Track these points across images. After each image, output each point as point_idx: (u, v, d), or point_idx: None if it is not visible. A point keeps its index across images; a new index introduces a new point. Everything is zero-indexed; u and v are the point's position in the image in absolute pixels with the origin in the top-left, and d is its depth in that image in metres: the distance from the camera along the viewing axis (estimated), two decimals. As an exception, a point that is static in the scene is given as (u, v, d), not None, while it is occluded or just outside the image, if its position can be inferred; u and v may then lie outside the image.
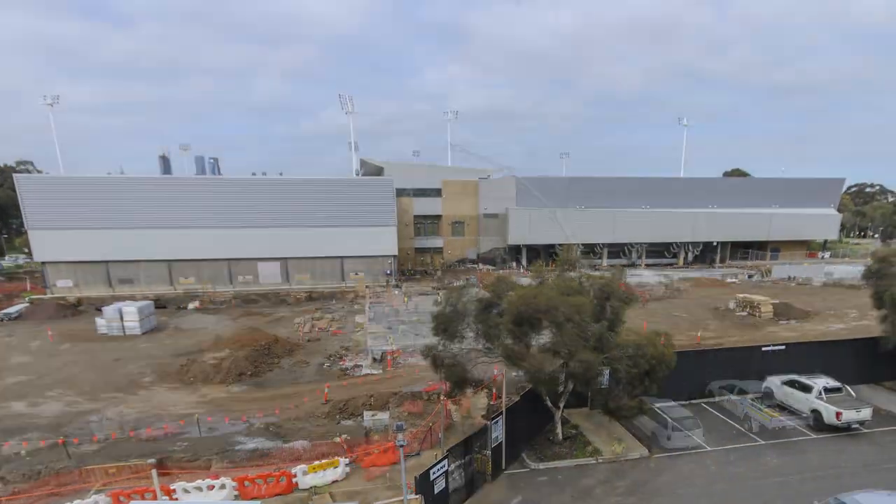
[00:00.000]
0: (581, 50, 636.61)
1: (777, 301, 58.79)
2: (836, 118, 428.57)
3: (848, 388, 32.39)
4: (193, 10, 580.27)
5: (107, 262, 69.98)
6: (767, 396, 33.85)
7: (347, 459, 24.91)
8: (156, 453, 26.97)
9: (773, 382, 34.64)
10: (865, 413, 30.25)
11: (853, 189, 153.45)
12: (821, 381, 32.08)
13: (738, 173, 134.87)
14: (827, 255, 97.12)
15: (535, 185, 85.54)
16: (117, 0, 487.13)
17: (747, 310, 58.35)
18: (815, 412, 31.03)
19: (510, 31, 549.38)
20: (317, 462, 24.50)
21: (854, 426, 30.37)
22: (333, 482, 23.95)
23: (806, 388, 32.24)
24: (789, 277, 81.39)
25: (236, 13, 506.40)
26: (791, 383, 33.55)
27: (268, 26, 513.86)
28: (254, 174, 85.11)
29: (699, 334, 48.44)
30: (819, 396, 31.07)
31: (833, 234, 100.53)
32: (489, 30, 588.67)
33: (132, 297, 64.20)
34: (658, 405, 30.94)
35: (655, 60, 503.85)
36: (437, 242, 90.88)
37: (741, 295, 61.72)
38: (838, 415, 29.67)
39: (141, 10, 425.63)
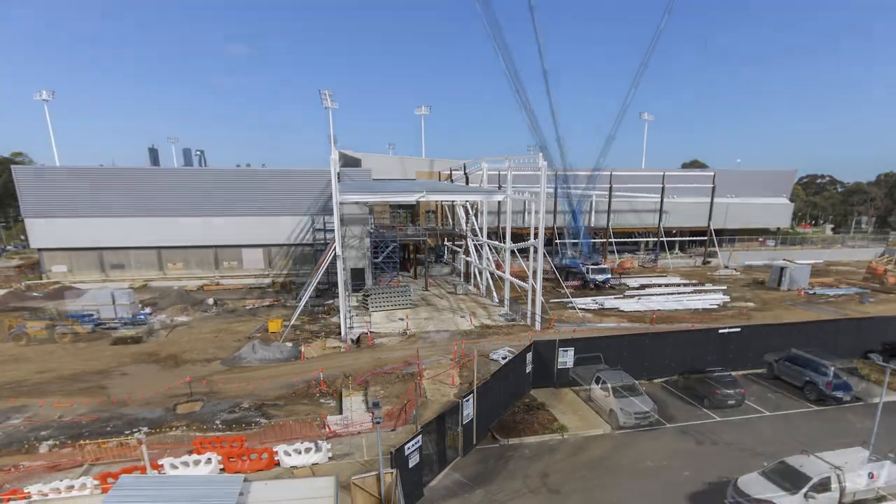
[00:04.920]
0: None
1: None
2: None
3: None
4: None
5: (99, 248, 68.88)
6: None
7: (328, 444, 24.77)
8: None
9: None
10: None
11: (805, 179, 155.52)
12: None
13: (696, 165, 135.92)
14: (774, 243, 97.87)
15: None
16: None
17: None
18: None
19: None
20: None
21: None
22: (314, 465, 23.74)
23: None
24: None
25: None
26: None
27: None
28: (238, 165, 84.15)
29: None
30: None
31: (786, 223, 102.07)
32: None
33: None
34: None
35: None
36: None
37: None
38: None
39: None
